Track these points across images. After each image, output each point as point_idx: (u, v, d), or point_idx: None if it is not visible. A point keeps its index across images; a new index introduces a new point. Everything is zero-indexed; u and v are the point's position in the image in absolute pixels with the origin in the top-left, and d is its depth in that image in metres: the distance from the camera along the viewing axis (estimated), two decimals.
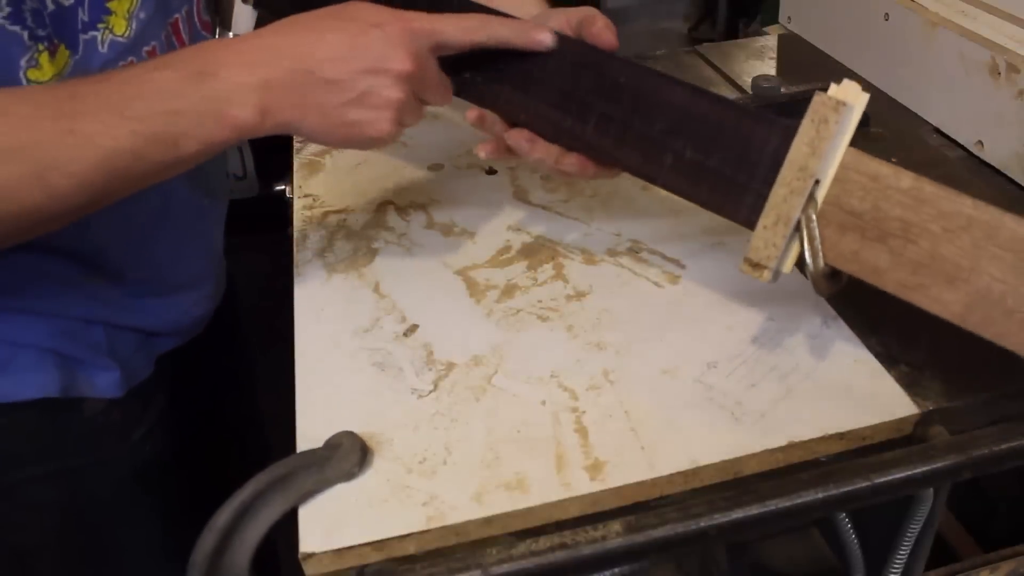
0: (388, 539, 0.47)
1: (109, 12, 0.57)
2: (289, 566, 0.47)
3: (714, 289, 0.63)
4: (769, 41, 1.06)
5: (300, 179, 0.82)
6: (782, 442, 0.50)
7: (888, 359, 0.56)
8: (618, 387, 0.55)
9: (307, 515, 0.48)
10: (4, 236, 0.48)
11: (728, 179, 0.55)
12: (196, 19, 0.69)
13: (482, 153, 0.63)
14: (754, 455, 0.50)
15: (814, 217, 0.52)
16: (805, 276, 0.53)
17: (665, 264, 0.66)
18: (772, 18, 1.10)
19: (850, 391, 0.54)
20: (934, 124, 0.84)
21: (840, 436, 0.51)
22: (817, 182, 0.52)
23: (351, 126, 0.54)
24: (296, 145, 0.88)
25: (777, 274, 0.54)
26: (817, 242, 0.52)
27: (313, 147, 0.87)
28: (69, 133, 0.46)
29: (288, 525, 0.48)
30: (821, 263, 0.52)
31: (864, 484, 0.48)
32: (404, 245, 0.71)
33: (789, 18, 1.07)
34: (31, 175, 0.46)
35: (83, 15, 0.55)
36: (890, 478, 0.48)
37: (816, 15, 1.02)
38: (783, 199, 0.52)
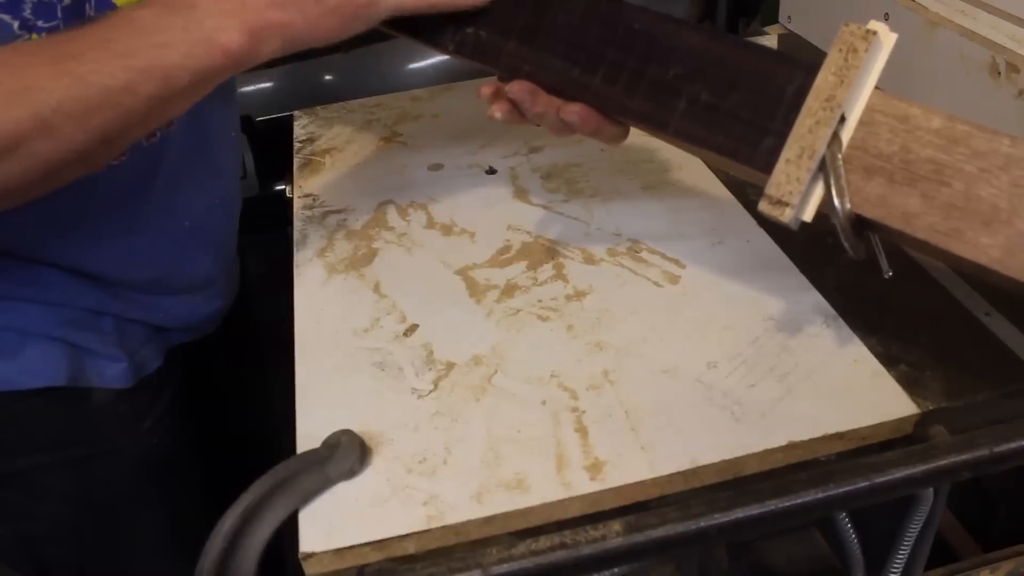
0: (388, 539, 0.47)
1: (114, 7, 0.57)
2: (294, 566, 0.47)
3: (714, 289, 0.63)
4: (769, 41, 1.06)
5: (300, 179, 0.82)
6: (782, 442, 0.50)
7: (888, 359, 0.56)
8: (618, 387, 0.55)
9: (307, 515, 0.48)
10: (20, 187, 0.48)
11: (746, 121, 0.53)
12: None
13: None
14: (754, 455, 0.50)
15: (839, 156, 0.49)
16: (833, 222, 0.50)
17: (665, 264, 0.66)
18: (772, 18, 1.10)
19: (850, 391, 0.54)
20: None
21: (840, 436, 0.51)
22: (842, 121, 0.49)
23: (340, 7, 0.54)
24: (296, 145, 0.88)
25: (798, 219, 0.51)
26: (843, 180, 0.49)
27: (313, 147, 0.87)
28: (64, 74, 0.47)
29: (293, 525, 0.48)
30: (848, 204, 0.49)
31: (864, 484, 0.48)
32: (404, 245, 0.71)
33: (789, 18, 1.06)
34: (33, 118, 0.46)
35: (89, 9, 0.55)
36: (890, 478, 0.48)
37: (816, 15, 1.02)
38: (808, 130, 0.49)
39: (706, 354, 0.57)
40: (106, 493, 0.71)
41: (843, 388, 0.54)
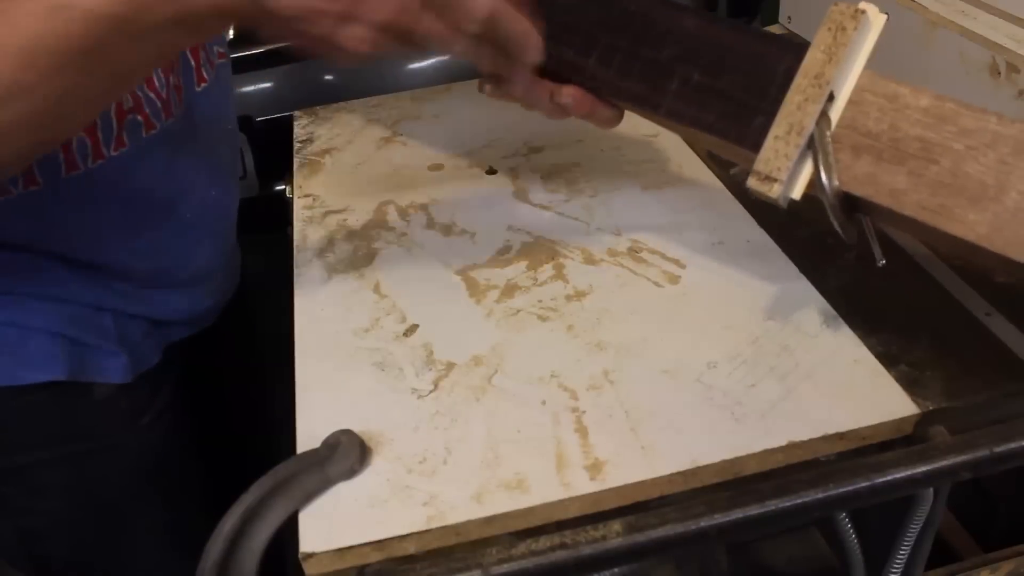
0: (388, 539, 0.47)
1: None
2: (295, 566, 0.47)
3: (714, 289, 0.63)
4: None
5: (300, 179, 0.82)
6: (782, 442, 0.50)
7: (888, 359, 0.56)
8: (618, 387, 0.55)
9: (307, 515, 0.48)
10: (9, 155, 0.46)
11: (738, 101, 0.53)
12: None
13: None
14: (754, 455, 0.50)
15: (828, 133, 0.50)
16: (821, 199, 0.50)
17: (665, 264, 0.66)
18: (772, 18, 1.10)
19: (850, 391, 0.53)
20: None
21: (840, 436, 0.51)
22: (831, 99, 0.50)
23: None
24: (296, 145, 0.88)
25: (786, 196, 0.51)
26: (831, 157, 0.49)
27: (313, 147, 0.87)
28: (53, 10, 0.43)
29: (293, 525, 0.48)
30: (836, 181, 0.49)
31: (864, 484, 0.48)
32: (404, 245, 0.71)
33: (789, 18, 1.06)
34: (15, 53, 0.42)
35: None
36: (890, 478, 0.48)
37: (816, 15, 1.01)
38: (797, 106, 0.50)
39: (706, 354, 0.57)
40: (106, 489, 0.71)
41: (843, 388, 0.54)
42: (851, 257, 0.65)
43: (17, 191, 0.58)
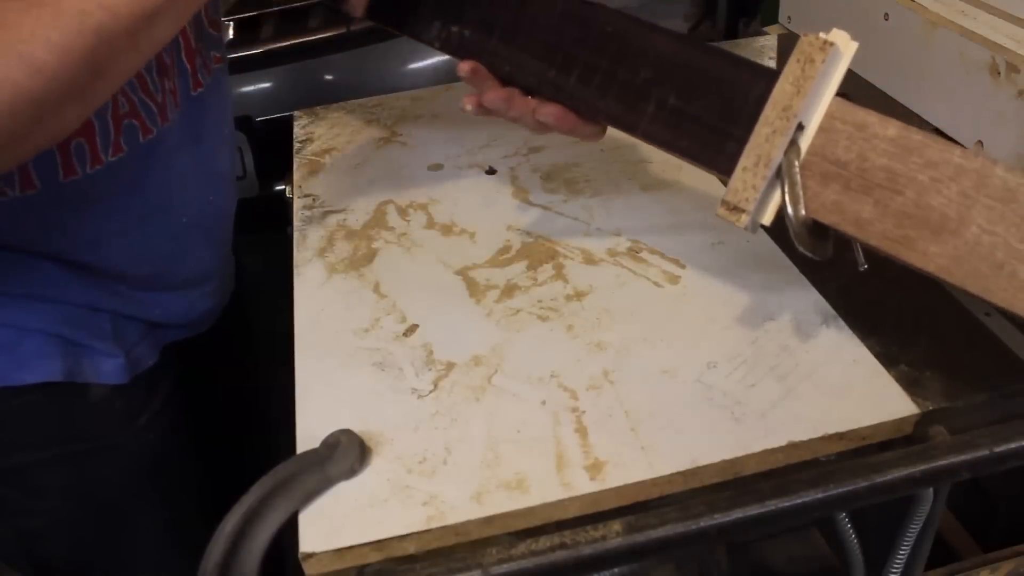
0: (388, 539, 0.47)
1: None
2: (295, 566, 0.47)
3: (714, 289, 0.63)
4: (769, 41, 1.06)
5: (300, 179, 0.82)
6: (782, 442, 0.50)
7: (888, 359, 0.56)
8: (618, 387, 0.55)
9: (307, 515, 0.48)
10: (16, 135, 0.45)
11: (710, 126, 0.54)
12: (204, 17, 0.69)
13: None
14: (754, 455, 0.50)
15: (796, 163, 0.50)
16: (787, 227, 0.51)
17: (665, 264, 0.66)
18: (772, 18, 1.10)
19: (850, 391, 0.54)
20: (934, 124, 0.84)
21: (840, 436, 0.51)
22: (801, 128, 0.50)
23: None
24: (296, 145, 0.88)
25: (755, 223, 0.52)
26: (798, 188, 0.50)
27: (313, 147, 0.87)
28: (35, 5, 0.44)
29: (293, 525, 0.48)
30: (802, 211, 0.50)
31: (864, 484, 0.48)
32: (404, 245, 0.71)
33: (789, 18, 1.06)
34: (14, 57, 0.43)
35: None
36: (890, 478, 0.48)
37: (816, 15, 1.02)
38: (765, 139, 0.50)
39: (706, 354, 0.57)
40: (104, 489, 0.71)
41: (843, 388, 0.54)
42: (851, 257, 0.65)
43: (14, 194, 0.58)
